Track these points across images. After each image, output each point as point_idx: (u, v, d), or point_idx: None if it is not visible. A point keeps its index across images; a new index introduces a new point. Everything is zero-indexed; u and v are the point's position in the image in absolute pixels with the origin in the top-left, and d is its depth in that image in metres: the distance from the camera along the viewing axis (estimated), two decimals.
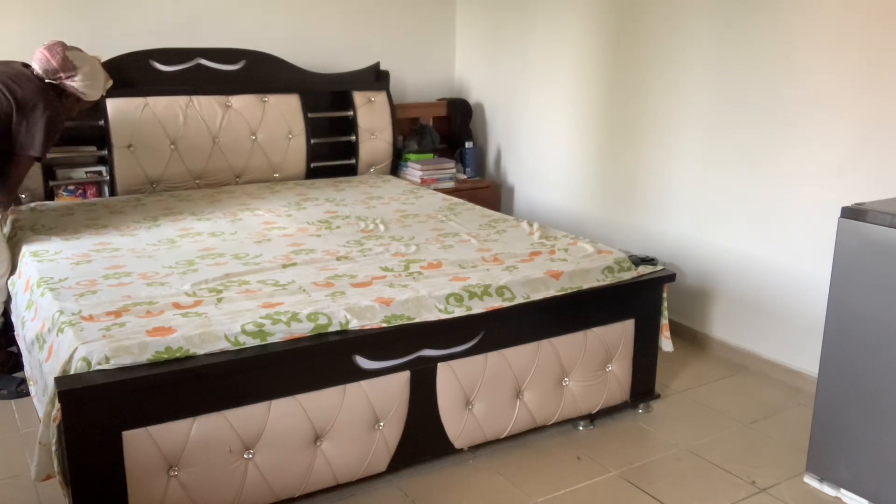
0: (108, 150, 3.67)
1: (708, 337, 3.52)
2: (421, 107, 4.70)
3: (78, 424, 1.90)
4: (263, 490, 2.17)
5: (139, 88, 3.76)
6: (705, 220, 3.46)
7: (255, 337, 2.11)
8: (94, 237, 2.98)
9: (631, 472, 2.52)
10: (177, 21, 3.99)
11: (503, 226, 3.24)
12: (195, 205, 3.53)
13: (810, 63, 2.95)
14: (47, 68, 2.93)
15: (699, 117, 3.41)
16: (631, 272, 2.77)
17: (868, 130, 2.80)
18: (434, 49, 4.83)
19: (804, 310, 3.09)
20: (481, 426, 2.52)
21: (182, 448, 2.03)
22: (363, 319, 2.25)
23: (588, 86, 3.97)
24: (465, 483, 2.44)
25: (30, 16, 3.66)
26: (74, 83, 2.96)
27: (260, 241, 2.97)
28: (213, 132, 3.89)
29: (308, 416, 2.19)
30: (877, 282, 2.17)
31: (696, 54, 3.38)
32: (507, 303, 2.47)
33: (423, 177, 4.34)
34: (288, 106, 4.10)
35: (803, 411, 2.91)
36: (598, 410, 2.78)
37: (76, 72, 2.96)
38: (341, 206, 3.55)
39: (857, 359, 2.26)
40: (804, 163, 3.02)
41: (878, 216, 2.16)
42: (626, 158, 3.80)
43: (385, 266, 2.65)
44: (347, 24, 4.48)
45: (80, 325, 2.10)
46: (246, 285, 2.44)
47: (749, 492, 2.43)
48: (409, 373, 2.34)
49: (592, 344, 2.68)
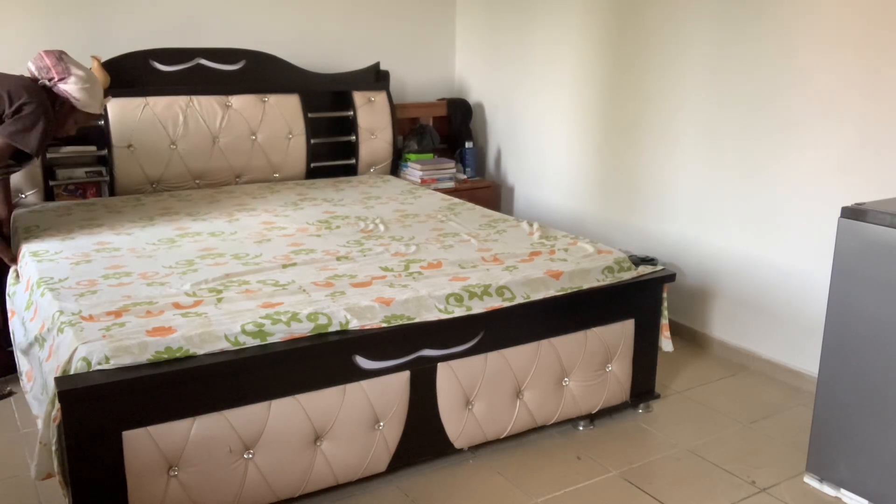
0: (108, 150, 3.67)
1: (708, 337, 3.52)
2: (421, 107, 4.70)
3: (78, 424, 1.90)
4: (263, 490, 2.17)
5: (139, 88, 3.76)
6: (705, 220, 3.46)
7: (255, 337, 2.11)
8: (94, 237, 2.98)
9: (631, 472, 2.52)
10: (177, 21, 3.99)
11: (503, 226, 3.24)
12: (195, 205, 3.53)
13: (810, 63, 2.95)
14: (40, 65, 2.84)
15: (699, 117, 3.41)
16: (631, 272, 2.77)
17: (868, 131, 2.80)
18: (434, 49, 4.83)
19: (804, 310, 3.09)
20: (481, 426, 2.52)
21: (182, 448, 2.03)
22: (363, 319, 2.25)
23: (588, 86, 3.97)
24: (465, 483, 2.44)
25: (30, 16, 3.66)
26: (67, 86, 2.83)
27: (260, 241, 2.96)
28: (213, 132, 3.89)
29: (308, 416, 2.19)
30: (877, 282, 2.18)
31: (697, 54, 3.38)
32: (507, 303, 2.47)
33: (423, 177, 4.34)
34: (288, 106, 4.10)
35: (803, 411, 2.91)
36: (598, 410, 2.78)
37: (69, 74, 2.84)
38: (341, 206, 3.55)
39: (858, 359, 2.26)
40: (804, 163, 3.02)
41: (878, 216, 2.16)
42: (626, 158, 3.80)
43: (385, 266, 2.65)
44: (347, 24, 4.48)
45: (80, 325, 2.10)
46: (246, 285, 2.43)
47: (749, 492, 2.43)
48: (409, 373, 2.34)
49: (592, 344, 2.68)
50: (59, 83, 2.83)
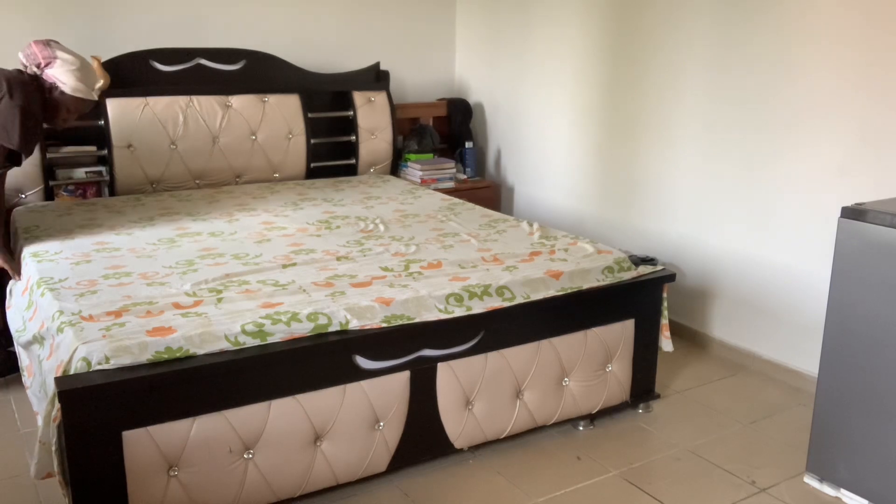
0: (108, 149, 3.67)
1: (708, 337, 3.52)
2: (421, 107, 4.70)
3: (78, 424, 1.90)
4: (263, 490, 2.17)
5: (139, 88, 3.76)
6: (705, 220, 3.46)
7: (255, 337, 2.11)
8: (94, 237, 2.98)
9: (631, 472, 2.52)
10: (177, 21, 3.99)
11: (503, 226, 3.24)
12: (195, 205, 3.53)
13: (810, 63, 2.95)
14: (27, 53, 2.74)
15: (699, 117, 3.41)
16: (631, 272, 2.77)
17: (868, 130, 2.80)
18: (434, 49, 4.82)
19: (804, 310, 3.09)
20: (481, 426, 2.52)
21: (182, 448, 2.03)
22: (363, 319, 2.25)
23: (588, 86, 3.97)
24: (465, 483, 2.44)
25: (30, 16, 3.66)
26: (54, 70, 2.70)
27: (260, 241, 2.96)
28: (213, 132, 3.89)
29: (308, 416, 2.19)
30: (877, 282, 2.17)
31: (696, 54, 3.38)
32: (507, 303, 2.47)
33: (423, 177, 4.34)
34: (288, 106, 4.10)
35: (803, 411, 2.91)
36: (598, 410, 2.77)
37: (54, 58, 2.71)
38: (341, 207, 3.55)
39: (857, 359, 2.26)
40: (804, 163, 3.02)
41: (878, 216, 2.16)
42: (627, 158, 3.80)
43: (385, 266, 2.65)
44: (347, 24, 4.48)
45: (80, 325, 2.10)
46: (246, 285, 2.43)
47: (749, 492, 2.43)
48: (409, 373, 2.34)
49: (592, 344, 2.68)
50: (45, 69, 2.73)
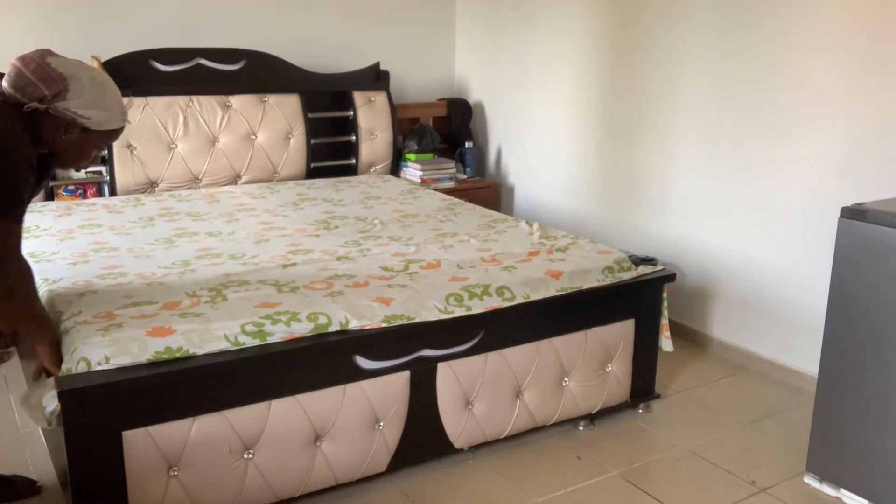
0: (108, 149, 3.67)
1: (708, 337, 3.52)
2: (421, 107, 4.70)
3: (78, 424, 1.90)
4: (263, 490, 2.17)
5: (139, 88, 3.75)
6: (705, 220, 3.45)
7: (255, 337, 2.11)
8: (93, 237, 2.98)
9: (631, 472, 2.52)
10: (177, 21, 3.99)
11: (503, 226, 3.24)
12: (195, 205, 3.53)
13: (810, 63, 2.95)
14: (19, 83, 1.92)
15: (699, 117, 3.41)
16: (631, 272, 2.77)
17: (868, 130, 2.80)
18: (434, 49, 4.82)
19: (804, 310, 3.09)
20: (481, 426, 2.52)
21: (182, 448, 2.03)
22: (363, 319, 2.25)
23: (588, 85, 3.97)
24: (465, 483, 2.44)
25: (29, 16, 3.66)
26: (68, 104, 1.94)
27: (259, 241, 2.96)
28: (213, 132, 3.89)
29: (308, 416, 2.19)
30: (877, 282, 2.17)
31: (697, 53, 3.38)
32: (507, 303, 2.47)
33: (423, 177, 4.34)
34: (288, 106, 4.10)
35: (803, 411, 2.91)
36: (598, 410, 2.77)
37: (65, 88, 1.93)
38: (341, 207, 3.55)
39: (857, 359, 2.26)
40: (804, 163, 3.02)
41: (878, 216, 2.16)
42: (627, 158, 3.80)
43: (385, 266, 2.65)
44: (347, 24, 4.48)
45: (79, 325, 2.10)
46: (245, 285, 2.43)
47: (749, 492, 2.43)
48: (408, 373, 2.34)
49: (592, 344, 2.68)
50: (55, 102, 1.94)
